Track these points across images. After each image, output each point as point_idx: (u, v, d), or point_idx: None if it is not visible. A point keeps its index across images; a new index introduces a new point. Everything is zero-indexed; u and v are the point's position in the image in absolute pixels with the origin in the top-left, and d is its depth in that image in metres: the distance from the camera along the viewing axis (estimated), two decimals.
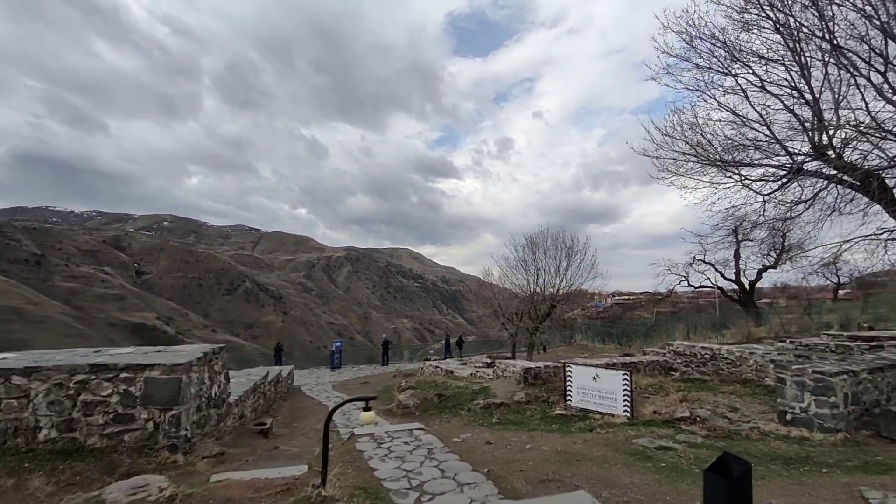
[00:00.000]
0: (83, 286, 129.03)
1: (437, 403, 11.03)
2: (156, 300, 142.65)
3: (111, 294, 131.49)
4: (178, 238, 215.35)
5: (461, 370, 14.79)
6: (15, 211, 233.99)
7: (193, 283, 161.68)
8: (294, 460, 5.60)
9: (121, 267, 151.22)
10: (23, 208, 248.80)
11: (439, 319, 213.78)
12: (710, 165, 9.42)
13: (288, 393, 14.84)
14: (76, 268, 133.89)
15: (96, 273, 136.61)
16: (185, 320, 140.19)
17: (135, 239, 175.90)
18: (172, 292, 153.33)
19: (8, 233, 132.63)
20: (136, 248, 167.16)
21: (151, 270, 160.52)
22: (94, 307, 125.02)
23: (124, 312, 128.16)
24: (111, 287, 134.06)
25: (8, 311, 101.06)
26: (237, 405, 8.05)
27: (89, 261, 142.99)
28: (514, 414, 9.70)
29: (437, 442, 6.37)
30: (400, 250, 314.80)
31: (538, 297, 19.48)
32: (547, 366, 11.67)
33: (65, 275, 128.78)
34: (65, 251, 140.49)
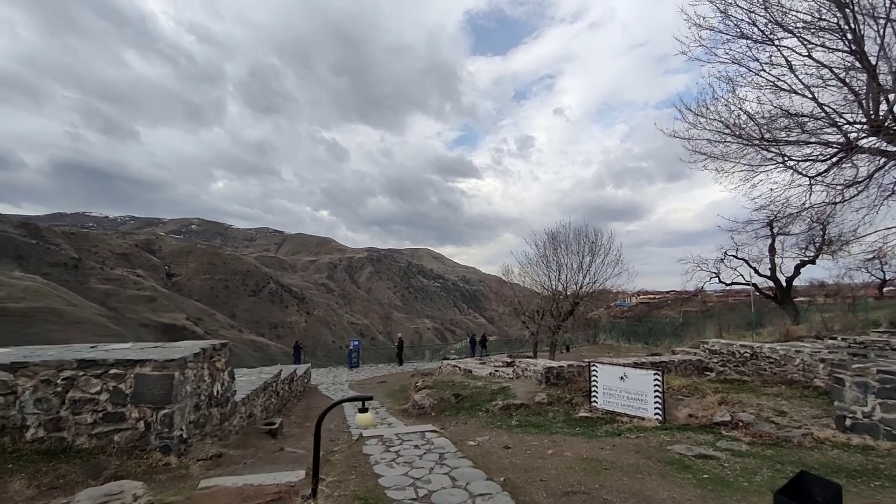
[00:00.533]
0: (117, 288, 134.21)
1: (454, 404, 10.55)
2: (185, 301, 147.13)
3: (143, 295, 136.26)
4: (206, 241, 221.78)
5: (480, 369, 14.26)
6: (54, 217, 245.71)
7: (220, 284, 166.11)
8: (295, 464, 5.20)
9: (152, 269, 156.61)
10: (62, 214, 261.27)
11: (460, 319, 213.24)
12: (749, 146, 8.61)
13: (304, 392, 14.62)
14: (111, 270, 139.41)
15: (129, 275, 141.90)
16: (213, 320, 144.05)
17: (165, 242, 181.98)
18: (201, 293, 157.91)
19: (48, 238, 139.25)
20: (166, 251, 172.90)
21: (181, 272, 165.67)
22: (127, 308, 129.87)
23: (155, 313, 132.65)
24: (143, 289, 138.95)
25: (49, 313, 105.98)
26: (245, 404, 7.76)
27: (123, 264, 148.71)
28: (534, 416, 9.12)
29: (449, 446, 5.87)
30: (420, 251, 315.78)
31: (560, 295, 18.74)
32: (570, 365, 11.02)
33: (100, 277, 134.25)
34: (100, 255, 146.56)
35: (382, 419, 10.28)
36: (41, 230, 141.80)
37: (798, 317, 22.91)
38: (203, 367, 5.58)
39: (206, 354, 5.67)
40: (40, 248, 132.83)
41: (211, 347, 5.90)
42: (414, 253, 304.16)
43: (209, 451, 4.96)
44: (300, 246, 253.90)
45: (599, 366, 9.20)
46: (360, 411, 3.41)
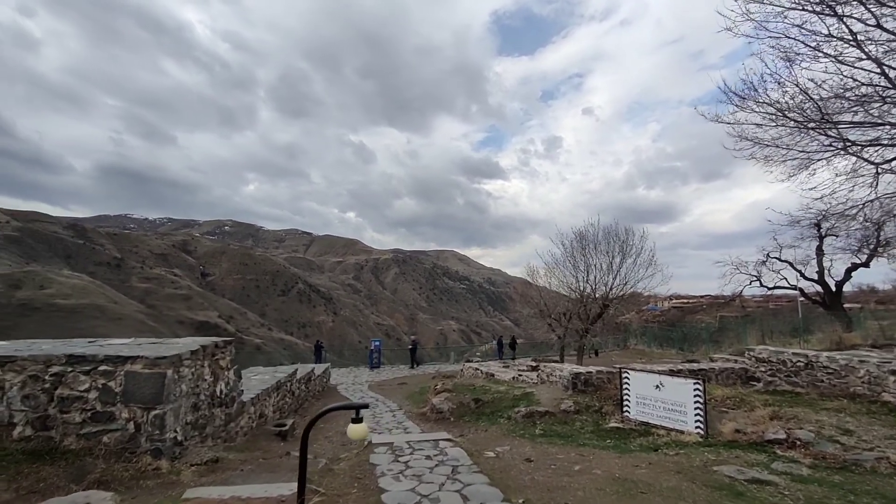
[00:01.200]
0: (156, 287, 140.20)
1: (474, 409, 9.99)
2: (218, 300, 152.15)
3: (180, 294, 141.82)
4: (238, 242, 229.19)
5: (502, 373, 13.63)
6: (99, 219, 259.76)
7: (251, 284, 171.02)
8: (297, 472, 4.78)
9: (188, 269, 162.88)
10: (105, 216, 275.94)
11: (486, 321, 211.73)
12: (804, 129, 7.69)
13: (323, 392, 14.38)
14: (150, 270, 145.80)
15: (167, 275, 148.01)
16: (245, 319, 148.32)
17: (200, 243, 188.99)
18: (233, 293, 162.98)
19: (94, 238, 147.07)
20: (201, 251, 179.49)
21: (215, 272, 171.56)
22: (165, 306, 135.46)
23: (191, 311, 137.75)
24: (180, 287, 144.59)
25: (94, 309, 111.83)
26: (254, 404, 7.46)
27: (161, 263, 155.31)
28: (560, 425, 8.45)
29: (464, 458, 5.33)
30: (446, 252, 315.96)
31: (588, 297, 17.85)
32: (599, 371, 10.27)
33: (140, 276, 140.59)
34: (140, 254, 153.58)
35: (399, 423, 9.83)
36: (87, 231, 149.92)
37: (851, 324, 21.11)
38: (203, 366, 5.26)
39: (206, 352, 5.35)
40: (86, 248, 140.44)
41: (213, 345, 5.58)
42: (439, 254, 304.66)
43: (205, 456, 4.61)
44: (328, 247, 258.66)
45: (632, 373, 8.45)
46: (353, 421, 2.93)
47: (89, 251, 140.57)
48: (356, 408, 2.98)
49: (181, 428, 4.72)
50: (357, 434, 2.91)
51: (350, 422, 2.97)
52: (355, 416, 2.96)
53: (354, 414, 2.97)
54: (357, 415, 2.96)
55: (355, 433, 2.91)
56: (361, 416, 2.97)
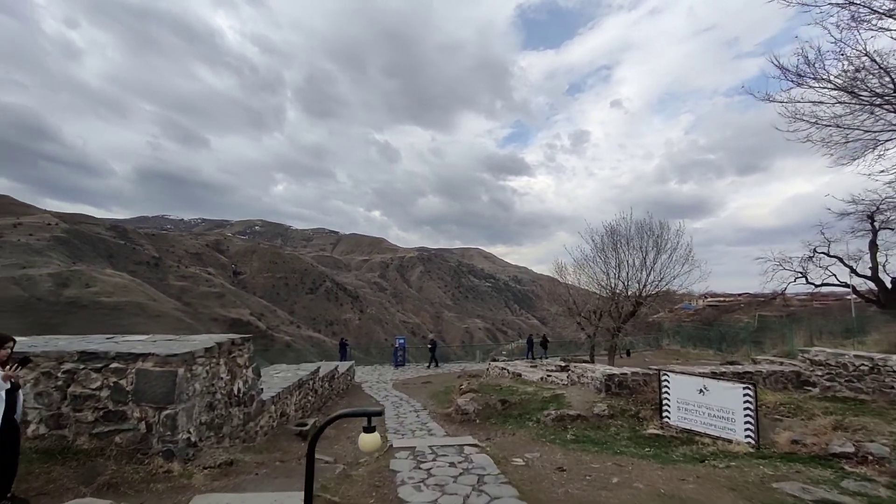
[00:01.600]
0: (191, 285, 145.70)
1: (500, 411, 9.58)
2: (250, 298, 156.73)
3: (213, 292, 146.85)
4: (268, 241, 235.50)
5: (530, 373, 13.14)
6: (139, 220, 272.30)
7: (281, 282, 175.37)
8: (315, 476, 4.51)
9: (221, 268, 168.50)
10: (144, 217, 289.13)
11: (511, 320, 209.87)
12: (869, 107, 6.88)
13: (347, 390, 14.27)
14: (185, 268, 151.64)
15: (202, 273, 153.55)
16: (274, 316, 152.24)
17: (232, 243, 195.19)
18: (263, 290, 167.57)
19: (134, 239, 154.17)
20: (233, 250, 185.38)
21: (246, 271, 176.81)
22: (199, 303, 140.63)
23: (224, 308, 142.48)
24: (213, 286, 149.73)
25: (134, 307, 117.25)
26: (275, 403, 7.30)
27: (196, 262, 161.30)
28: (594, 430, 7.94)
29: (491, 466, 4.94)
30: (471, 250, 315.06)
31: (620, 294, 17.08)
32: (635, 373, 9.65)
33: (177, 275, 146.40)
34: (176, 254, 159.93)
35: (423, 424, 9.53)
36: (128, 232, 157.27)
37: None
38: (219, 364, 5.07)
39: (222, 349, 5.16)
40: (127, 248, 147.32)
41: (229, 342, 5.39)
42: (464, 252, 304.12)
43: (219, 458, 4.40)
44: (354, 246, 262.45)
45: (672, 375, 7.83)
46: (365, 430, 2.59)
47: (130, 251, 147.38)
48: (369, 415, 2.64)
49: (195, 428, 4.53)
50: (369, 445, 2.57)
51: (362, 430, 2.63)
52: (367, 424, 2.62)
53: (366, 422, 2.63)
54: (369, 423, 2.62)
55: (367, 444, 2.57)
56: (374, 425, 2.63)
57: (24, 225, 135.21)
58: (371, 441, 2.57)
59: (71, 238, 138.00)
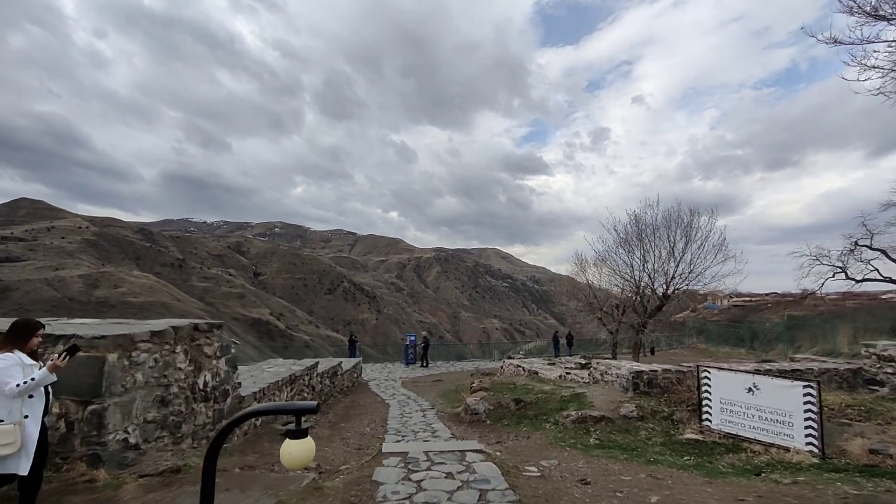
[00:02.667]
0: (213, 285, 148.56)
1: (514, 411, 8.63)
2: (270, 298, 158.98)
3: (235, 292, 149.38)
4: (287, 243, 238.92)
5: (548, 371, 12.12)
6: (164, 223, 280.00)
7: (300, 283, 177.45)
8: (275, 489, 3.67)
9: (242, 269, 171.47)
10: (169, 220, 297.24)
11: (529, 320, 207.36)
12: None
13: (352, 388, 13.52)
14: (208, 270, 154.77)
15: (223, 274, 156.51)
16: (294, 316, 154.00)
17: (252, 244, 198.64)
18: (283, 291, 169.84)
19: (159, 241, 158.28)
20: (253, 252, 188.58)
21: (266, 272, 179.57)
22: (221, 303, 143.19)
23: (245, 308, 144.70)
24: (235, 286, 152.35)
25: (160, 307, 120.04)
26: (259, 400, 6.53)
27: (218, 264, 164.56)
28: (621, 434, 6.91)
29: (497, 478, 4.01)
30: (488, 250, 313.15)
31: (646, 288, 15.86)
32: (666, 370, 8.57)
33: (200, 276, 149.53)
34: (199, 256, 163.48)
35: (428, 424, 8.65)
36: (154, 235, 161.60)
37: None
38: (174, 352, 4.28)
39: (179, 335, 4.38)
40: (153, 250, 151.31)
41: (191, 327, 4.61)
42: (481, 253, 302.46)
43: (164, 464, 3.61)
44: (371, 246, 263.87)
45: (714, 372, 6.75)
46: (291, 436, 1.72)
47: (155, 253, 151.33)
48: (299, 412, 1.76)
49: (138, 427, 3.75)
50: (293, 458, 1.70)
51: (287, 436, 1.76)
52: (296, 426, 1.74)
53: (295, 423, 1.75)
54: (298, 424, 1.75)
55: (291, 457, 1.70)
56: (306, 429, 1.76)
57: (56, 228, 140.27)
58: (296, 452, 1.69)
59: (100, 241, 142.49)
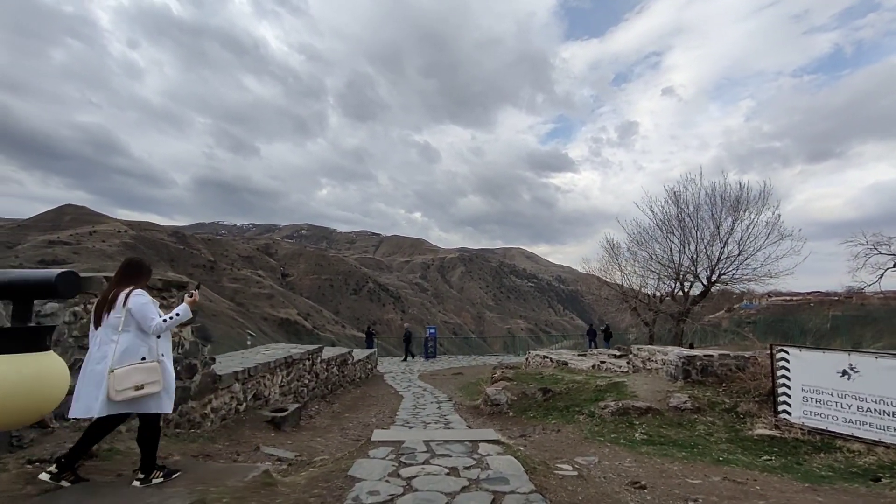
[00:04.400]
0: (243, 286, 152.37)
1: (541, 402, 7.45)
2: (297, 298, 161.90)
3: (264, 293, 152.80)
4: (314, 244, 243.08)
5: (578, 362, 10.85)
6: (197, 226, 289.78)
7: (326, 283, 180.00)
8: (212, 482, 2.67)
9: (270, 270, 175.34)
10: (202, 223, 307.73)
11: (556, 321, 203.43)
12: None
13: (365, 379, 12.61)
14: (238, 271, 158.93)
15: (253, 276, 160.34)
16: (320, 316, 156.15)
17: (280, 246, 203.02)
18: (310, 292, 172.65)
19: (192, 244, 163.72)
20: (281, 253, 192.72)
21: (293, 273, 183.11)
22: (251, 304, 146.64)
23: (274, 309, 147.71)
24: (264, 287, 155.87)
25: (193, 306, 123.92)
26: (243, 381, 5.64)
27: (248, 265, 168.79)
28: (673, 428, 5.66)
29: (519, 476, 2.90)
30: (513, 250, 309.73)
31: (687, 272, 14.31)
32: (723, 354, 7.21)
33: (230, 277, 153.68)
34: (230, 257, 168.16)
35: (442, 416, 7.61)
36: (187, 237, 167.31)
37: None
38: None
39: None
40: (186, 252, 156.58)
41: None
42: (506, 252, 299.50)
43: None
44: (395, 247, 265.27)
45: (794, 352, 5.41)
46: None
47: (188, 255, 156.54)
48: None
49: None
50: None
51: None
52: None
53: None
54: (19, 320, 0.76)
55: None
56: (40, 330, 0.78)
57: (98, 232, 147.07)
58: None
59: (137, 244, 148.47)
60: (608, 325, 18.62)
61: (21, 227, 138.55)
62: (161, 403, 2.74)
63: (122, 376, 2.54)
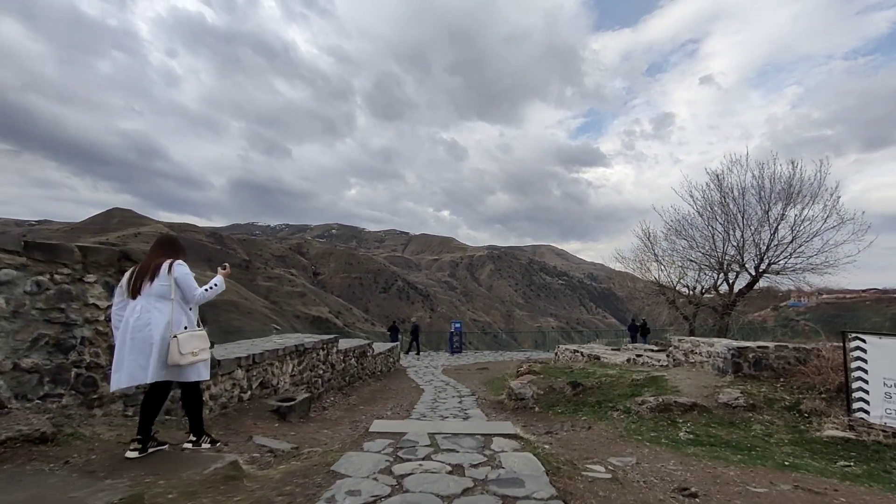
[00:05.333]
0: (276, 285, 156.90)
1: (570, 396, 6.81)
2: (328, 297, 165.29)
3: (296, 291, 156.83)
4: (344, 243, 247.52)
5: (611, 356, 10.10)
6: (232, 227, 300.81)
7: (356, 282, 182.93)
8: (168, 474, 2.26)
9: (302, 269, 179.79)
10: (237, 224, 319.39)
11: (587, 319, 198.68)
12: None
13: (387, 373, 12.27)
14: (271, 270, 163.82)
15: (285, 274, 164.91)
16: (350, 314, 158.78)
17: (311, 245, 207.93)
18: (340, 290, 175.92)
19: (228, 244, 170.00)
20: (312, 253, 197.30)
21: (324, 272, 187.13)
22: (284, 302, 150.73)
23: (306, 306, 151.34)
24: (296, 286, 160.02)
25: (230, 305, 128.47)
26: (247, 368, 5.34)
27: (280, 264, 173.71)
28: (724, 427, 4.93)
29: (536, 478, 2.36)
30: (542, 247, 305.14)
31: (733, 261, 13.18)
32: (780, 346, 6.36)
33: (264, 276, 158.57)
34: (264, 257, 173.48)
35: (462, 410, 7.11)
36: (223, 238, 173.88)
37: None
38: (83, 280, 3.10)
39: (92, 259, 3.18)
40: (223, 252, 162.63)
41: (117, 253, 3.40)
42: (535, 250, 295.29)
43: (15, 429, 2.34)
44: (424, 246, 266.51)
45: (872, 340, 4.58)
46: None
47: (224, 255, 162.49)
48: None
49: None
50: None
51: None
52: None
53: None
54: None
55: None
56: None
57: (142, 234, 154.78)
58: None
59: None
60: (644, 320, 17.55)
61: (74, 229, 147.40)
62: (205, 371, 2.88)
63: (185, 340, 2.62)
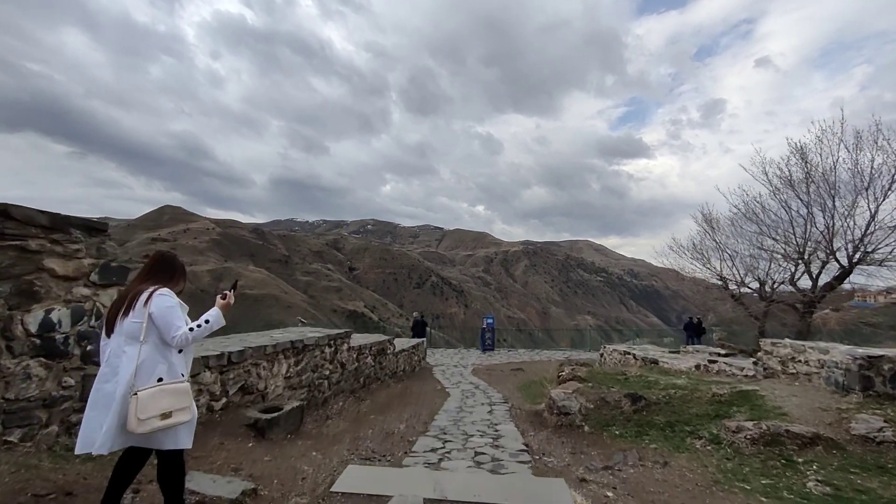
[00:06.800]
0: (314, 280, 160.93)
1: (629, 413, 5.37)
2: (363, 291, 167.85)
3: (333, 286, 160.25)
4: (379, 239, 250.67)
5: (672, 360, 8.45)
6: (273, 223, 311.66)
7: (390, 277, 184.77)
8: None
9: (338, 264, 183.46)
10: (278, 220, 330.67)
11: (628, 317, 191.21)
12: None
13: (409, 373, 11.12)
14: (309, 265, 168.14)
15: (323, 269, 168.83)
16: (385, 309, 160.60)
17: (347, 241, 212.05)
18: (375, 285, 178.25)
19: (269, 240, 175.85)
20: (348, 248, 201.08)
21: (359, 267, 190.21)
22: (321, 296, 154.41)
23: (342, 301, 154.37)
24: (332, 280, 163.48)
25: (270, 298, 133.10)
26: (224, 372, 4.27)
27: (318, 259, 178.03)
28: (872, 474, 3.37)
29: None
30: (580, 243, 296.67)
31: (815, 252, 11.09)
32: None
33: (302, 270, 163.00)
34: (302, 252, 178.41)
35: (492, 425, 5.82)
36: (265, 234, 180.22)
37: None
38: None
39: None
40: (264, 247, 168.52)
41: None
42: (572, 245, 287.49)
43: None
44: (458, 241, 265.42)
45: None
46: None
47: (266, 250, 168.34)
48: None
49: None
50: None
51: None
52: None
53: None
54: None
55: None
56: None
57: (190, 230, 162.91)
58: None
59: (223, 240, 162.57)
60: (699, 318, 15.52)
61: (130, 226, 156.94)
62: (186, 438, 2.18)
63: (148, 400, 1.99)
